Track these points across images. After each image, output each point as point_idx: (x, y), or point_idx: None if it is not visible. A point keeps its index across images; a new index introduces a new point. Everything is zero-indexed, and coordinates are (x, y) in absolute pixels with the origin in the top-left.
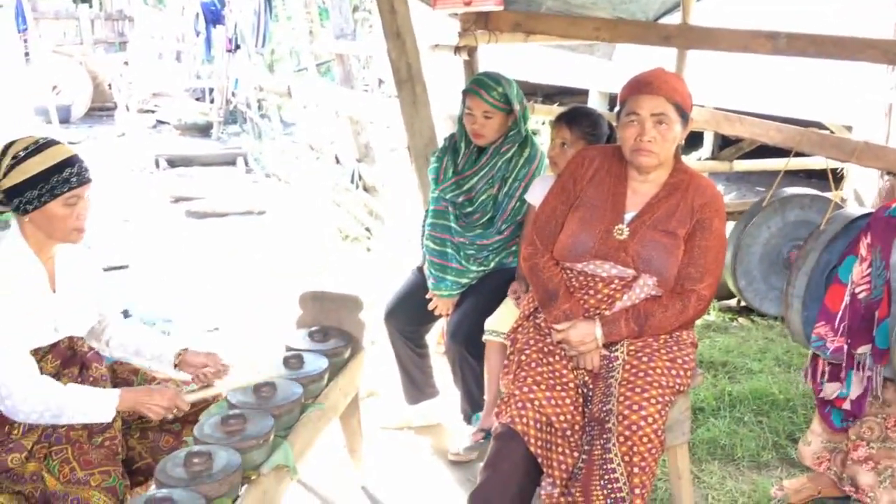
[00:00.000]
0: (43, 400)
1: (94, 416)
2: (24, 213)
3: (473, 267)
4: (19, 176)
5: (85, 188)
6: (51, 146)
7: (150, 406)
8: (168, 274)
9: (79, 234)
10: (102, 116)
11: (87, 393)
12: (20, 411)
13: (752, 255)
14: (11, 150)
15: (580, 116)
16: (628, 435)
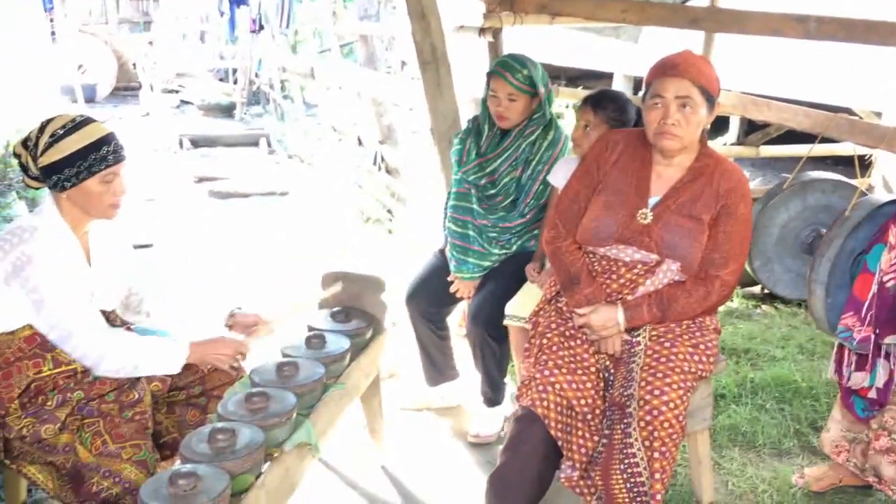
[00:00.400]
0: (120, 353)
1: (166, 367)
2: (61, 190)
3: (495, 250)
4: (57, 154)
5: (121, 165)
6: (87, 124)
7: (218, 356)
8: (191, 253)
9: (114, 211)
10: (127, 96)
11: (158, 345)
12: (103, 364)
13: (768, 236)
14: (49, 127)
15: (606, 100)
16: (649, 420)
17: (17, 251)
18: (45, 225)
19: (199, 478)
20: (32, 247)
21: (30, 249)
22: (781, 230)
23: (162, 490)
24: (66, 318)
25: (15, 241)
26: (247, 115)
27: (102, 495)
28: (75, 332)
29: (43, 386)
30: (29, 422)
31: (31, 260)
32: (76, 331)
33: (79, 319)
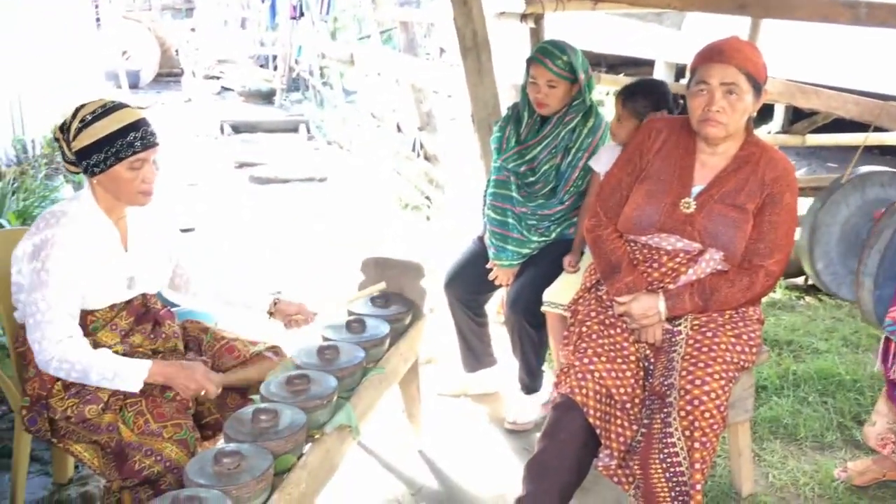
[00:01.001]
0: (69, 361)
1: (120, 385)
2: (92, 175)
3: (534, 237)
4: (87, 139)
5: (150, 152)
6: (118, 110)
7: (180, 384)
8: (232, 238)
9: (145, 197)
10: (169, 82)
11: (113, 364)
12: (49, 368)
13: (830, 234)
14: (81, 112)
15: (636, 93)
16: (690, 410)
17: (43, 234)
18: (76, 211)
19: (243, 456)
20: (55, 232)
21: (51, 234)
22: (842, 227)
23: (207, 468)
24: (41, 314)
25: (42, 225)
26: (286, 102)
27: (145, 473)
28: (38, 331)
29: None
30: (72, 402)
31: (47, 244)
32: (41, 330)
33: (49, 322)
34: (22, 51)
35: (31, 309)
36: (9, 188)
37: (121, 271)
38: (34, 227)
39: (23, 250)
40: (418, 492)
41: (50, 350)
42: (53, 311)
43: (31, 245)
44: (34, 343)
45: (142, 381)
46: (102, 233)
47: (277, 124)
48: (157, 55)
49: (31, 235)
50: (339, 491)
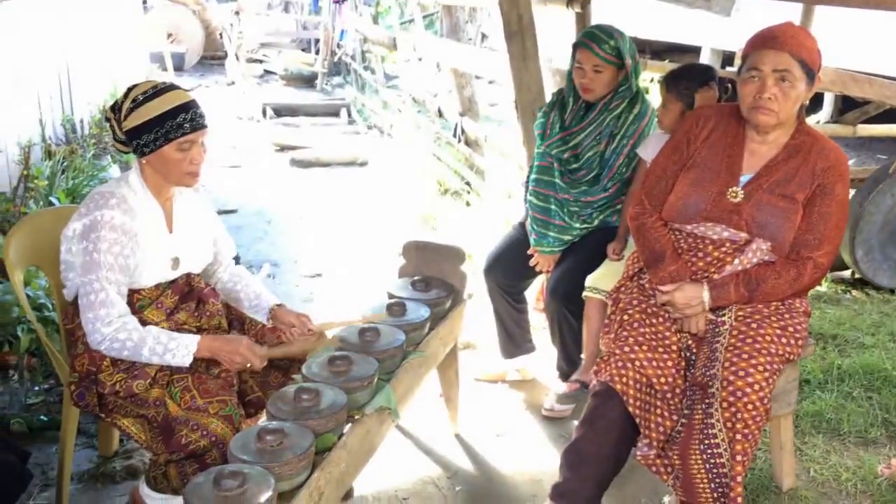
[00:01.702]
0: (120, 340)
1: (170, 360)
2: (142, 155)
3: (576, 224)
4: (137, 119)
5: (199, 134)
6: (168, 91)
7: (227, 357)
8: (273, 220)
9: (192, 179)
10: (213, 65)
11: (165, 338)
12: (101, 347)
13: (872, 224)
14: (133, 92)
15: (679, 76)
16: (732, 401)
17: (93, 214)
18: (125, 191)
19: (285, 434)
20: (105, 212)
21: (101, 214)
22: (885, 217)
23: (251, 444)
24: (93, 294)
25: (92, 206)
26: (328, 86)
27: (191, 447)
28: (92, 311)
29: None
30: (121, 377)
31: (97, 226)
32: (94, 311)
33: (102, 302)
34: (70, 32)
35: (85, 289)
36: (58, 167)
37: (166, 251)
38: (83, 207)
39: (73, 230)
40: (454, 475)
41: (103, 330)
42: (105, 292)
43: (80, 225)
44: (87, 323)
45: (191, 355)
46: (150, 213)
47: (319, 108)
48: (201, 38)
49: (80, 215)
50: (377, 472)
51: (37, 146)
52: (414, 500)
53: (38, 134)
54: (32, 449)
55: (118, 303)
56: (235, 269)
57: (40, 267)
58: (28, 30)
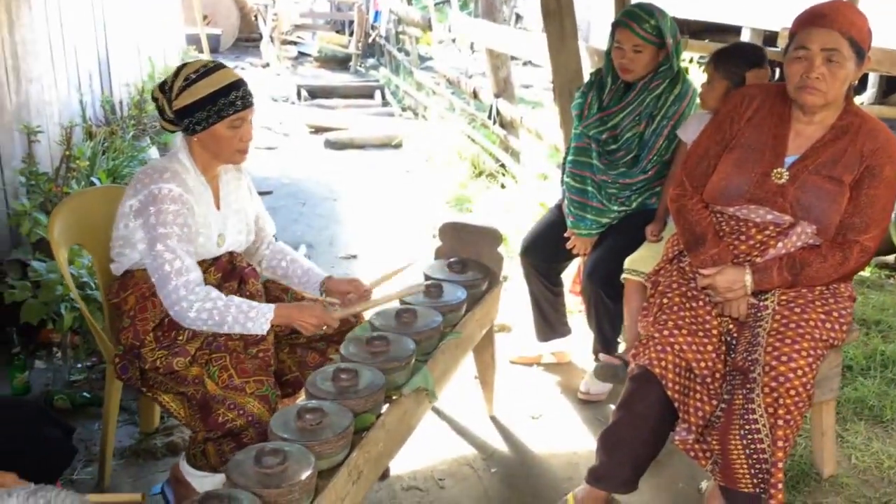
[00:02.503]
0: (207, 310)
1: (251, 328)
2: (192, 134)
3: (614, 206)
4: (189, 97)
5: (248, 112)
6: (219, 70)
7: (302, 322)
8: (308, 202)
9: (242, 156)
10: (248, 47)
11: (246, 306)
12: (187, 318)
13: None
14: (183, 72)
15: (731, 54)
16: (774, 386)
17: (147, 190)
18: (176, 167)
19: (325, 413)
20: (160, 187)
21: (156, 189)
22: None
23: (291, 423)
24: (168, 265)
25: (146, 181)
26: (361, 68)
27: (228, 426)
28: (171, 282)
29: (175, 321)
30: (162, 354)
31: (156, 199)
32: (172, 281)
33: (179, 271)
34: (108, 14)
35: (157, 262)
36: (99, 148)
37: (214, 228)
38: (137, 184)
39: (129, 206)
40: (490, 457)
41: (189, 297)
42: (180, 260)
43: (137, 201)
44: (169, 295)
45: (269, 323)
46: (199, 189)
47: (353, 90)
48: (236, 20)
49: (136, 191)
50: (414, 453)
51: (78, 127)
52: (450, 482)
53: (79, 115)
54: (75, 425)
55: (194, 269)
56: (278, 246)
57: (83, 245)
58: (67, 12)
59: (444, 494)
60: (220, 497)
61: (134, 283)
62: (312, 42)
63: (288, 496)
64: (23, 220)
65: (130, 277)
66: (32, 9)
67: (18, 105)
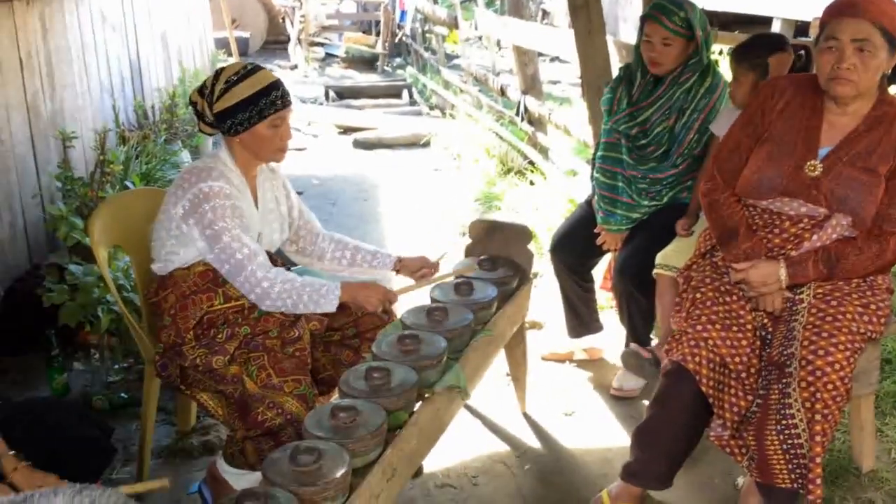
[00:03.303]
0: (286, 289)
1: (323, 304)
2: (234, 134)
3: (645, 202)
4: (231, 99)
5: (287, 110)
6: (258, 71)
7: (368, 298)
8: (338, 201)
9: (282, 154)
10: (276, 49)
11: (318, 284)
12: (269, 298)
13: None
14: (223, 75)
15: (752, 47)
16: (811, 381)
17: (196, 188)
18: (220, 167)
19: (358, 412)
20: (209, 185)
21: (206, 187)
22: None
23: (324, 421)
24: (239, 252)
25: (193, 180)
26: (388, 67)
27: (267, 425)
28: (247, 267)
29: (214, 319)
30: (202, 352)
31: (208, 197)
32: (248, 266)
33: (250, 256)
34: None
35: (224, 256)
36: (133, 152)
37: (253, 226)
38: (184, 184)
39: (181, 207)
40: (523, 454)
41: (269, 276)
42: (247, 247)
43: (186, 202)
44: (247, 279)
45: (338, 300)
46: (241, 188)
47: (380, 90)
48: (264, 23)
49: (184, 191)
50: (446, 450)
51: (111, 132)
52: (483, 479)
53: (112, 120)
54: (114, 425)
55: (261, 252)
56: (338, 237)
57: (121, 246)
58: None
59: (477, 492)
60: (258, 495)
61: (173, 283)
62: (339, 43)
63: (323, 494)
64: (59, 225)
65: (170, 277)
66: (65, 17)
67: (53, 111)
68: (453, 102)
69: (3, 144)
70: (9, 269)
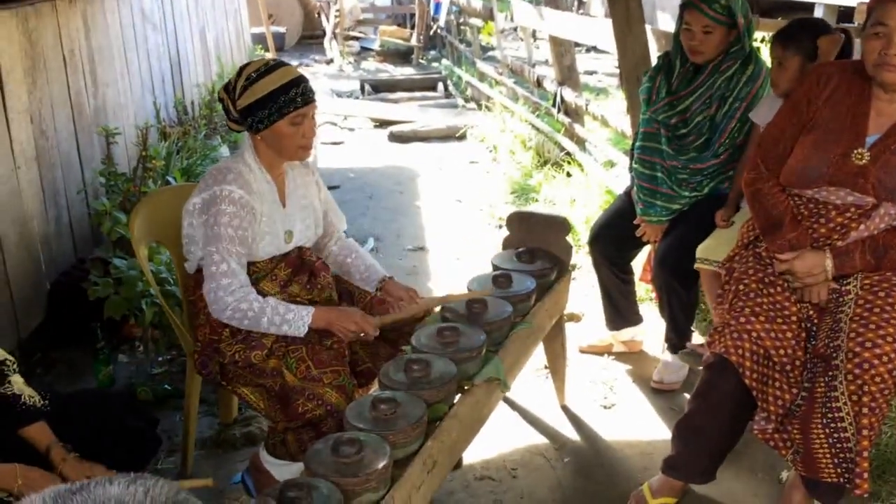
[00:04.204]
0: (242, 310)
1: (286, 330)
2: (256, 132)
3: (685, 192)
4: (252, 96)
5: (310, 108)
6: (279, 67)
7: (340, 327)
8: (374, 195)
9: (305, 152)
10: (312, 44)
11: (283, 308)
12: (222, 316)
13: None
14: (245, 71)
15: (796, 31)
16: (858, 373)
17: (212, 189)
18: (241, 167)
19: (398, 403)
20: (223, 187)
21: (220, 189)
22: None
23: (365, 413)
24: (216, 266)
25: (210, 181)
26: (423, 60)
27: (308, 416)
28: (215, 281)
29: None
30: (240, 348)
31: (217, 200)
32: (217, 280)
33: (225, 273)
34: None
35: (207, 261)
36: (173, 147)
37: (280, 225)
38: (203, 184)
39: (193, 205)
40: (562, 447)
41: (226, 299)
42: (226, 263)
43: (200, 200)
44: (209, 293)
45: (307, 326)
46: (264, 188)
47: (415, 83)
48: (300, 18)
49: (200, 191)
50: (486, 443)
51: (152, 128)
52: (522, 471)
53: (153, 116)
54: (157, 416)
55: (239, 273)
56: (346, 242)
57: (162, 242)
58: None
59: (516, 484)
60: (300, 485)
61: None
62: (374, 36)
63: (365, 485)
64: (103, 220)
65: (201, 276)
66: (107, 15)
67: (96, 108)
68: (489, 94)
69: (49, 141)
70: (55, 263)
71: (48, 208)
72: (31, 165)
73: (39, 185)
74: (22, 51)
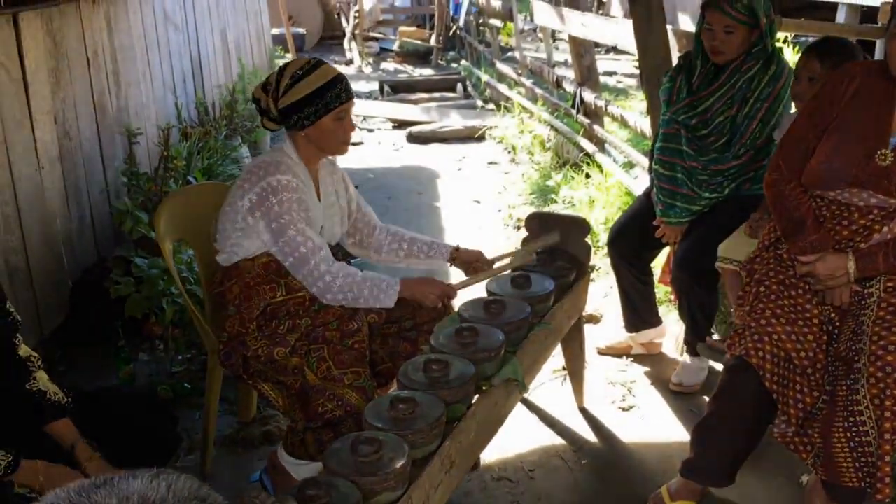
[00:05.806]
0: (347, 283)
1: (383, 299)
2: (300, 129)
3: (706, 194)
4: (297, 94)
5: (351, 103)
6: (321, 66)
7: (426, 293)
8: (394, 195)
9: (345, 147)
10: (332, 45)
11: (378, 279)
12: (330, 291)
13: None
14: (288, 70)
15: (834, 48)
16: (881, 377)
17: (263, 182)
18: (287, 161)
19: (417, 403)
20: (277, 178)
21: (274, 181)
22: None
23: (384, 413)
24: (303, 246)
25: (261, 174)
26: (443, 61)
27: (327, 416)
28: (310, 261)
29: (276, 311)
30: (264, 343)
31: (276, 190)
32: (311, 260)
33: (314, 249)
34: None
35: (289, 248)
36: (194, 148)
37: (316, 219)
38: (251, 177)
39: (248, 200)
40: (580, 449)
41: (331, 271)
42: (311, 241)
43: (254, 195)
44: (310, 273)
45: (397, 295)
46: (306, 182)
47: (434, 83)
48: (320, 19)
49: (251, 185)
50: (503, 444)
51: (174, 128)
52: (540, 473)
53: (175, 116)
54: (177, 414)
55: (324, 246)
56: (393, 229)
57: (185, 239)
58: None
59: (534, 485)
60: (319, 484)
61: (238, 274)
62: (393, 37)
63: (384, 484)
64: (125, 219)
65: (234, 268)
66: (129, 15)
67: (119, 108)
68: (508, 95)
69: (72, 141)
70: (77, 262)
71: (71, 208)
72: (54, 165)
73: (62, 185)
74: (46, 51)
